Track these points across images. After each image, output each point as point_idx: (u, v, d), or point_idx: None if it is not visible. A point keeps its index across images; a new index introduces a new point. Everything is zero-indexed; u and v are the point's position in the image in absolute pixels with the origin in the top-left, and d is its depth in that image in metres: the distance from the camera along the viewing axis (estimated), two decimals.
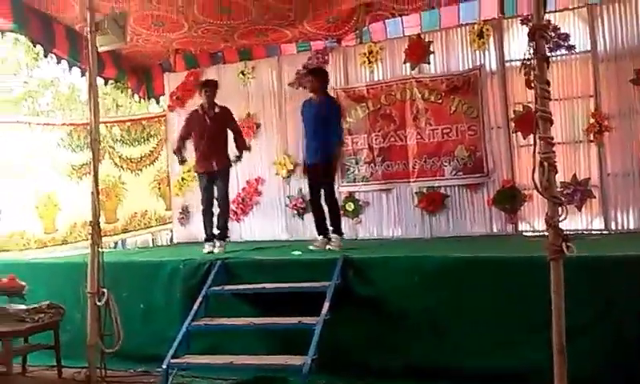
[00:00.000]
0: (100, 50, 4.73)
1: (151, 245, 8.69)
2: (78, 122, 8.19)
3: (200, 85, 6.81)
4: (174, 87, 8.56)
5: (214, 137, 6.52)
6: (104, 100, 13.79)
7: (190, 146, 6.77)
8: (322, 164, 6.15)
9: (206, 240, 6.54)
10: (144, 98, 9.67)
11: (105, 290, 4.55)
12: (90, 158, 4.74)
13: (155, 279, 5.57)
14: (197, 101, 8.29)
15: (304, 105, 6.45)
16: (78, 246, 7.53)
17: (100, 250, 4.62)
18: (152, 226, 8.90)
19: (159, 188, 8.80)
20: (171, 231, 8.94)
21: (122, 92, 10.14)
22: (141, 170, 8.64)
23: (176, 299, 5.36)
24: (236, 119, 6.90)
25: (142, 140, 8.69)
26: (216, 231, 6.56)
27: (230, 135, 6.69)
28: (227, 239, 6.63)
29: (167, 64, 8.95)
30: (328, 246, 6.02)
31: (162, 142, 8.81)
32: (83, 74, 7.89)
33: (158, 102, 9.68)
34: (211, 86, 6.67)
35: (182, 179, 8.44)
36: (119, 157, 8.38)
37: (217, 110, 6.60)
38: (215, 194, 6.60)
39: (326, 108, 6.26)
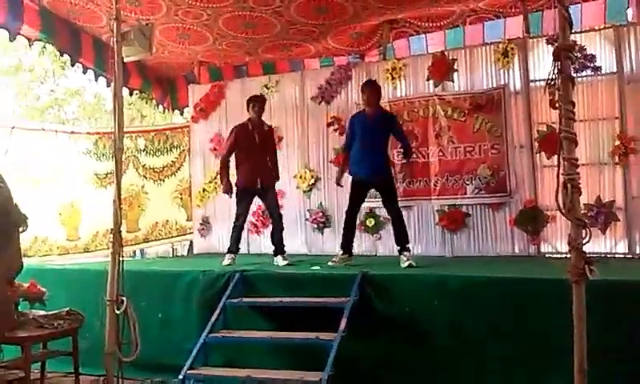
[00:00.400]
0: (126, 60, 4.77)
1: (171, 255, 8.72)
2: (104, 130, 8.28)
3: (248, 100, 6.71)
4: (198, 99, 8.64)
5: (262, 154, 6.52)
6: (129, 110, 13.98)
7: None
8: (384, 178, 6.20)
9: (228, 252, 6.54)
10: (168, 109, 9.79)
11: (124, 299, 4.57)
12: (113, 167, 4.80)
13: (174, 289, 5.59)
14: (220, 113, 8.47)
15: (355, 117, 6.40)
16: (99, 254, 7.62)
17: (120, 258, 4.65)
18: (173, 236, 8.96)
19: (181, 198, 8.86)
20: (191, 242, 8.99)
21: (146, 102, 10.27)
22: (163, 180, 8.72)
23: (194, 310, 5.37)
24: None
25: (165, 150, 8.78)
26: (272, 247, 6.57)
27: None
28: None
29: (192, 76, 9.04)
30: (407, 263, 5.75)
31: (185, 152, 8.88)
32: (109, 84, 8.01)
33: (182, 114, 9.79)
34: (260, 102, 6.63)
35: (204, 190, 8.50)
36: (142, 166, 8.47)
37: (265, 127, 6.66)
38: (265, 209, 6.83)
39: (385, 121, 6.28)
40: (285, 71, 8.80)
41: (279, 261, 6.32)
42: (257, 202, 7.12)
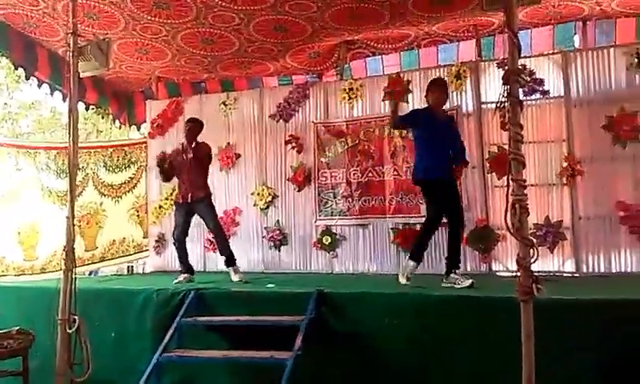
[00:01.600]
0: (82, 75, 4.73)
1: (126, 273, 8.57)
2: (62, 145, 8.11)
3: (185, 122, 6.90)
4: (155, 115, 8.60)
5: (192, 172, 6.57)
6: (85, 125, 13.77)
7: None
8: (448, 181, 5.53)
9: (181, 272, 6.59)
10: (125, 125, 9.68)
11: (76, 317, 4.49)
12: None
13: (128, 308, 5.50)
14: (177, 129, 8.43)
15: (423, 113, 5.75)
16: (57, 275, 7.43)
17: (73, 275, 4.57)
18: (130, 254, 8.80)
19: (138, 215, 8.75)
20: (145, 260, 8.88)
21: (102, 117, 10.11)
22: (120, 196, 8.60)
23: (148, 329, 5.29)
24: (212, 155, 6.89)
25: (124, 166, 8.67)
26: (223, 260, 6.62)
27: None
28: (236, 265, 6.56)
29: (149, 91, 8.98)
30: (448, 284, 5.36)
31: (142, 168, 8.78)
32: (64, 99, 7.89)
33: (138, 129, 9.70)
34: (191, 123, 6.75)
35: (160, 207, 8.42)
36: (102, 183, 8.34)
37: (193, 145, 6.66)
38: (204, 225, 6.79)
39: (452, 123, 5.97)
40: (243, 89, 8.83)
41: (232, 275, 6.38)
42: None
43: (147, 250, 8.68)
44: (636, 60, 6.38)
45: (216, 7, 6.30)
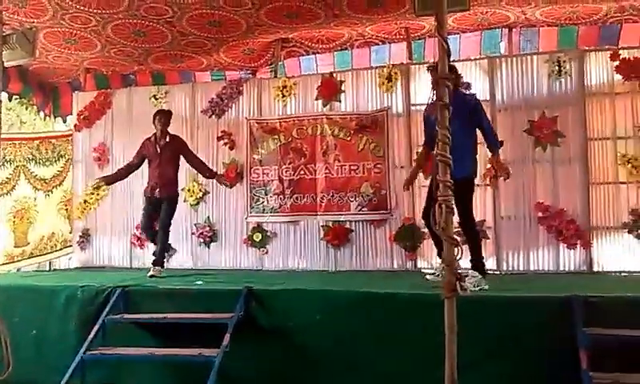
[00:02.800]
0: (7, 64, 4.57)
1: (48, 268, 8.30)
2: None
3: (153, 114, 6.87)
4: (83, 107, 8.35)
5: (163, 165, 6.64)
6: (8, 115, 13.17)
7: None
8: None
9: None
10: (49, 116, 9.33)
11: None
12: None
13: (50, 305, 5.34)
14: (105, 121, 8.23)
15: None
16: None
17: None
18: (57, 250, 8.50)
19: (66, 209, 8.46)
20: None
21: (26, 108, 9.72)
22: (51, 190, 8.28)
23: (72, 327, 5.17)
24: (190, 148, 6.99)
25: (54, 160, 8.35)
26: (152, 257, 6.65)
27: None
28: (163, 266, 6.61)
29: (77, 83, 8.71)
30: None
31: (70, 162, 8.49)
32: None
33: (64, 121, 9.36)
34: (162, 115, 6.80)
35: (85, 202, 8.19)
36: (34, 177, 8.00)
37: (167, 139, 6.72)
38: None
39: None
40: (175, 82, 8.69)
41: (151, 270, 6.43)
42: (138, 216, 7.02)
43: (71, 245, 8.42)
44: (557, 68, 6.70)
45: None
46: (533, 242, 6.64)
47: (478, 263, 5.25)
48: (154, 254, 6.63)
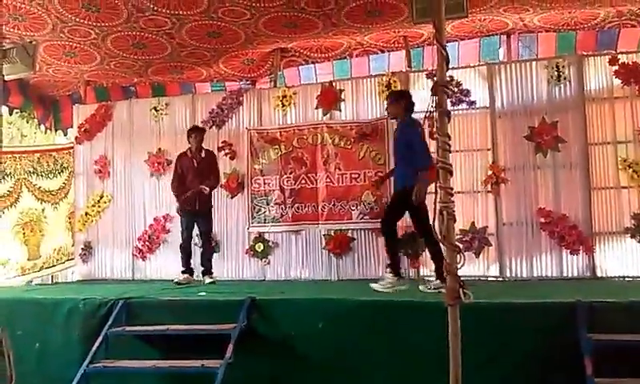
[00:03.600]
0: (7, 78, 4.60)
1: (51, 281, 8.29)
2: None
3: (188, 131, 7.02)
4: (83, 119, 8.38)
5: (200, 180, 6.75)
6: (8, 129, 13.21)
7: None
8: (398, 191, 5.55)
9: (183, 272, 6.81)
10: (50, 129, 9.36)
11: None
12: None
13: (53, 318, 5.31)
14: (106, 134, 8.23)
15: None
16: None
17: None
18: (63, 262, 8.49)
19: (70, 222, 8.45)
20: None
21: (27, 122, 9.74)
22: (58, 202, 8.30)
23: (74, 339, 5.14)
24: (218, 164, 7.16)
25: (57, 172, 8.37)
26: (201, 267, 6.88)
27: None
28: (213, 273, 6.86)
29: (77, 95, 8.74)
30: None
31: (72, 174, 8.50)
32: None
33: (65, 134, 9.39)
34: (198, 132, 6.96)
35: (86, 214, 8.19)
36: (38, 189, 8.02)
37: (203, 154, 6.89)
38: (197, 231, 6.95)
39: (404, 132, 5.52)
40: (175, 94, 8.73)
41: (205, 279, 6.72)
42: (142, 227, 7.01)
43: (73, 257, 8.42)
44: (556, 73, 6.72)
45: (148, 11, 6.20)
46: (535, 248, 6.64)
47: (393, 266, 5.49)
48: (203, 264, 6.84)
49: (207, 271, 6.80)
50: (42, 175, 8.12)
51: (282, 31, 6.98)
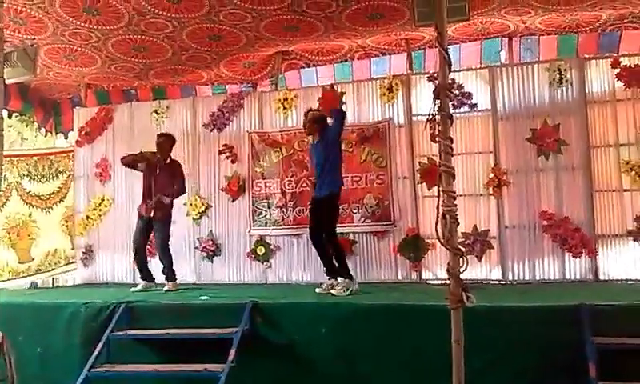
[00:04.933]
0: (8, 81, 4.57)
1: (51, 285, 8.28)
2: None
3: (157, 135, 6.99)
4: (84, 122, 8.36)
5: (160, 187, 6.66)
6: (8, 132, 13.19)
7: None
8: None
9: (141, 278, 6.74)
10: (51, 133, 9.35)
11: (0, 333, 4.31)
12: None
13: (54, 322, 5.31)
14: (106, 137, 8.23)
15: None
16: None
17: None
18: (61, 266, 8.52)
19: (67, 226, 8.45)
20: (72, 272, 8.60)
21: (27, 125, 9.73)
22: (51, 207, 8.31)
23: (76, 344, 5.13)
24: (184, 174, 6.98)
25: (51, 176, 8.38)
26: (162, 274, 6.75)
27: None
28: (175, 279, 6.71)
29: (77, 99, 8.72)
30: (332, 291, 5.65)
31: (71, 178, 8.50)
32: None
33: (66, 137, 9.38)
34: (162, 138, 6.86)
35: (87, 218, 8.18)
36: (27, 194, 8.04)
37: (168, 162, 6.79)
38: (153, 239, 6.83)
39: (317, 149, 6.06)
40: (176, 97, 8.71)
41: (166, 286, 6.56)
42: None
43: (74, 261, 8.41)
44: (558, 76, 6.70)
45: (149, 14, 6.19)
46: (538, 251, 6.62)
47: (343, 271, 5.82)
48: (163, 273, 6.71)
49: (168, 278, 6.65)
50: (35, 179, 8.16)
51: (283, 34, 6.97)
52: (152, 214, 6.63)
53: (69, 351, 5.14)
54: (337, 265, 5.84)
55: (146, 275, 6.74)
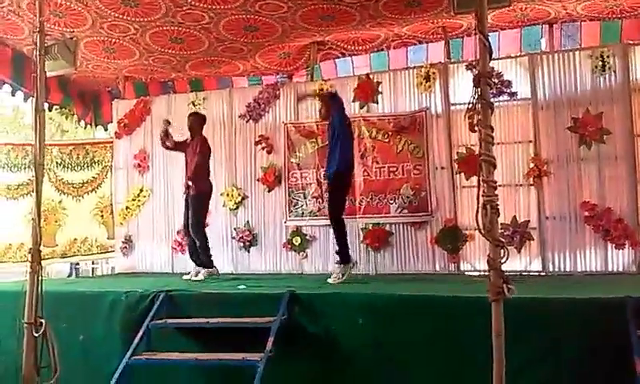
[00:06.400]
0: (49, 74, 4.61)
1: (91, 274, 8.45)
2: (17, 142, 8.08)
3: (187, 116, 7.06)
4: (122, 114, 8.48)
5: (189, 165, 6.72)
6: (49, 125, 13.51)
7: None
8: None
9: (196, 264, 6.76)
10: (91, 125, 9.52)
11: (42, 321, 4.40)
12: (29, 181, 4.61)
13: (95, 311, 5.39)
14: (145, 129, 8.34)
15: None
16: (14, 267, 7.50)
17: (40, 277, 4.47)
18: (93, 254, 8.72)
19: (102, 215, 8.61)
20: (107, 261, 8.77)
21: (66, 118, 9.92)
22: (82, 195, 8.47)
23: (116, 332, 5.20)
24: (205, 151, 6.87)
25: (86, 165, 8.54)
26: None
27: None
28: (210, 268, 6.65)
29: (116, 91, 8.85)
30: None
31: (107, 168, 8.65)
32: (26, 98, 7.74)
33: (105, 129, 9.56)
34: (194, 117, 6.94)
35: (127, 208, 8.31)
36: (60, 181, 8.23)
37: (194, 138, 6.82)
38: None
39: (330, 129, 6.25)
40: (212, 88, 8.77)
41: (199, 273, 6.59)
42: (182, 221, 7.05)
43: (112, 250, 8.57)
44: (600, 63, 6.52)
45: (185, 5, 6.23)
46: (579, 243, 6.47)
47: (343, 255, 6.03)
48: (194, 260, 6.76)
49: (203, 264, 6.65)
50: (69, 167, 8.33)
51: (319, 24, 6.94)
52: (186, 195, 6.70)
53: (110, 339, 5.22)
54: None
55: (195, 259, 6.76)
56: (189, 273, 6.75)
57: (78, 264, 9.41)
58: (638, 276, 6.17)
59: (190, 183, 6.61)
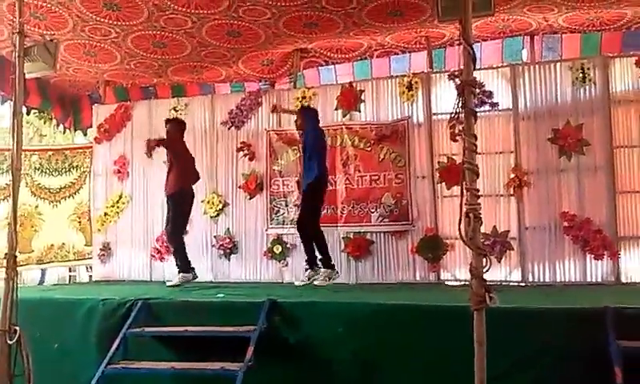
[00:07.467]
0: (27, 76, 4.54)
1: (68, 281, 8.32)
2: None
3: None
4: (103, 119, 8.38)
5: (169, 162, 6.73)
6: (26, 129, 13.31)
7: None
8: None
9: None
10: (70, 129, 9.39)
11: (17, 328, 4.30)
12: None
13: (71, 318, 5.29)
14: (125, 134, 8.25)
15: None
16: None
17: (14, 284, 4.38)
18: (69, 260, 8.59)
19: (79, 222, 8.49)
20: (90, 268, 8.64)
21: (44, 122, 9.78)
22: (59, 201, 8.37)
23: (93, 340, 5.10)
24: (177, 144, 6.81)
25: (64, 170, 8.44)
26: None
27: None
28: (185, 273, 6.55)
29: (96, 95, 8.76)
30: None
31: (86, 174, 8.54)
32: (4, 101, 7.63)
33: (85, 134, 9.44)
34: (170, 122, 6.94)
35: (105, 214, 8.19)
36: (37, 185, 8.13)
37: (169, 147, 6.76)
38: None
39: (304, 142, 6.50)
40: (194, 94, 8.71)
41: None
42: (160, 227, 6.98)
43: (89, 257, 8.45)
44: (581, 75, 6.59)
45: (168, 9, 6.18)
46: (559, 253, 6.52)
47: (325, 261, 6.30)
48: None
49: (178, 268, 6.59)
50: (46, 172, 8.22)
51: (302, 31, 6.94)
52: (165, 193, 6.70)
53: (86, 347, 5.12)
54: (318, 256, 6.26)
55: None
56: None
57: (44, 271, 9.23)
58: (617, 286, 6.22)
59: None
